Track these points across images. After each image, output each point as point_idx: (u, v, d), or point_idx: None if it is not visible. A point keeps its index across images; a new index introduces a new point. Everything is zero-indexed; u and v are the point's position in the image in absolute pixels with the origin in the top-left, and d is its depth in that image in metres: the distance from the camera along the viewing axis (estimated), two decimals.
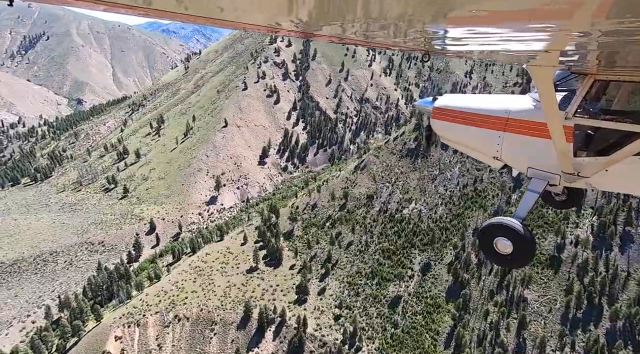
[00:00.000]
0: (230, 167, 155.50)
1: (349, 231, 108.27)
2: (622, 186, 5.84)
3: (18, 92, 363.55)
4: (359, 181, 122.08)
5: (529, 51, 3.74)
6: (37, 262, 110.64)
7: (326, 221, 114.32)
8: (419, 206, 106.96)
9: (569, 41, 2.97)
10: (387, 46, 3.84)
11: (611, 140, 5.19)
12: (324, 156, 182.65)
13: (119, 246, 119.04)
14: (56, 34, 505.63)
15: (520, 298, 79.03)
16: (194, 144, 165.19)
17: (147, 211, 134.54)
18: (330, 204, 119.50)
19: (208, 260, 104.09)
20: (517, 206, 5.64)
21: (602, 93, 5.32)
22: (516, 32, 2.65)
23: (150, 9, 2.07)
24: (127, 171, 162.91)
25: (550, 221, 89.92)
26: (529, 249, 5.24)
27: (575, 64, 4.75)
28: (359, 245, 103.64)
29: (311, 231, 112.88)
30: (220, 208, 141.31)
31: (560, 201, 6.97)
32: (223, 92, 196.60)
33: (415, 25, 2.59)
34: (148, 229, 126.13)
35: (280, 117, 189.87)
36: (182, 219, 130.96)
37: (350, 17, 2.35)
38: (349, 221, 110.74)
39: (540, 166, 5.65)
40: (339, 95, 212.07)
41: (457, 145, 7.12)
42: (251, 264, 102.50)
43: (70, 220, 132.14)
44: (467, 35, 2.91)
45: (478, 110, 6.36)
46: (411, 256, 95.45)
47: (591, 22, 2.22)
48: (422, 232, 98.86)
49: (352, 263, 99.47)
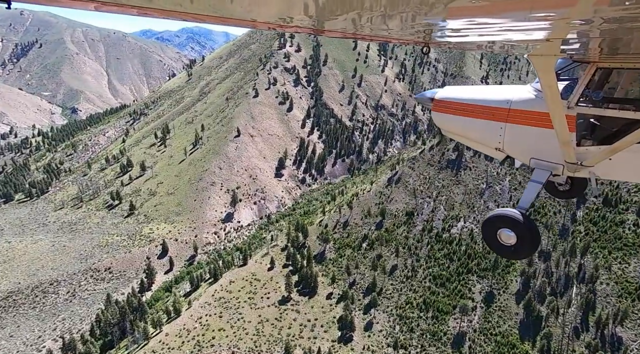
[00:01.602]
0: (245, 180, 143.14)
1: (391, 253, 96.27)
2: (626, 175, 5.56)
3: (10, 101, 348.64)
4: (395, 196, 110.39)
5: (530, 40, 3.68)
6: (36, 293, 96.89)
7: (362, 242, 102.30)
8: (468, 224, 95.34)
9: (571, 29, 2.92)
10: (386, 39, 3.75)
11: (614, 128, 5.12)
12: (343, 167, 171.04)
13: (128, 272, 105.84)
14: (49, 41, 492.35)
15: (614, 338, 67.37)
16: (204, 156, 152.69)
17: (157, 230, 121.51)
18: (364, 222, 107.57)
19: (233, 289, 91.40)
20: (520, 197, 5.45)
21: (604, 81, 5.22)
22: (517, 22, 2.61)
23: (153, 8, 2.02)
24: (132, 186, 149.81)
25: (631, 242, 78.78)
26: (532, 240, 5.15)
27: (577, 52, 4.65)
28: (405, 270, 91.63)
29: (346, 253, 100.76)
30: (237, 226, 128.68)
31: (563, 191, 6.86)
32: (232, 99, 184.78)
33: (415, 17, 2.59)
34: (160, 251, 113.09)
35: (294, 126, 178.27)
36: (196, 240, 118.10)
37: (352, 9, 2.34)
38: (390, 241, 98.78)
39: (543, 156, 5.54)
40: (353, 101, 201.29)
41: (459, 137, 6.93)
42: (283, 294, 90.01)
43: (72, 242, 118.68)
44: (468, 26, 2.87)
45: (479, 101, 6.22)
46: (469, 283, 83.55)
47: (593, 9, 2.22)
48: (479, 256, 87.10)
49: (400, 292, 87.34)
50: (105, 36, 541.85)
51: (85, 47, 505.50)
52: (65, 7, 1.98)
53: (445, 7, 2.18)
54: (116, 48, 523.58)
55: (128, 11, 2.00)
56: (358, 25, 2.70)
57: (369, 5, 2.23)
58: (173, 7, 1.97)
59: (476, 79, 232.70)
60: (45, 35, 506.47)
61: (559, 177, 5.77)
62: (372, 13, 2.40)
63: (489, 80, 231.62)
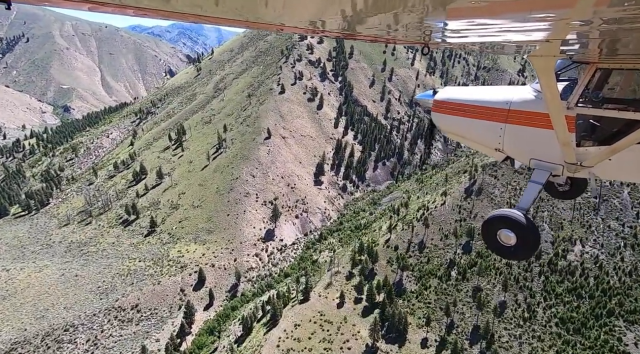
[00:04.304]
0: (283, 189, 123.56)
1: (493, 285, 78.00)
2: (626, 175, 5.52)
3: None
4: (479, 210, 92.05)
5: (529, 41, 3.67)
6: (47, 344, 76.47)
7: (449, 269, 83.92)
8: (589, 249, 77.44)
9: (571, 30, 2.93)
10: (385, 40, 3.74)
11: (614, 129, 5.07)
12: (385, 171, 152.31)
13: (160, 310, 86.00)
14: (37, 35, 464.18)
15: None
16: (230, 161, 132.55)
17: (188, 253, 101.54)
18: (446, 244, 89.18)
19: (302, 336, 72.33)
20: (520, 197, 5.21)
21: (604, 82, 5.16)
22: (517, 23, 2.61)
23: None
24: (148, 197, 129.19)
25: None
26: (532, 240, 5.10)
27: (576, 52, 4.63)
28: (518, 309, 73.40)
29: (431, 283, 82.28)
30: (280, 245, 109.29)
31: (563, 191, 6.78)
32: (254, 96, 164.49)
33: (415, 18, 2.59)
34: (195, 281, 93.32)
35: (327, 125, 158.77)
36: (237, 265, 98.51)
37: (351, 10, 2.31)
38: (487, 269, 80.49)
39: (543, 156, 5.48)
40: (386, 98, 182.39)
41: (459, 138, 6.86)
42: (366, 341, 71.30)
43: (85, 270, 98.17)
44: (467, 27, 2.87)
45: (479, 102, 6.16)
46: (616, 331, 65.60)
47: (592, 10, 2.21)
48: (619, 292, 69.19)
49: (519, 339, 69.08)
50: (97, 30, 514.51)
51: (75, 41, 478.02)
52: (69, 8, 1.83)
53: (444, 9, 2.15)
54: (109, 43, 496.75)
55: (141, 13, 1.87)
56: (351, 27, 2.61)
57: (358, 7, 2.13)
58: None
59: (513, 73, 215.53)
60: (32, 29, 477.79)
61: (559, 177, 5.72)
62: (364, 15, 2.34)
63: (525, 74, 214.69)
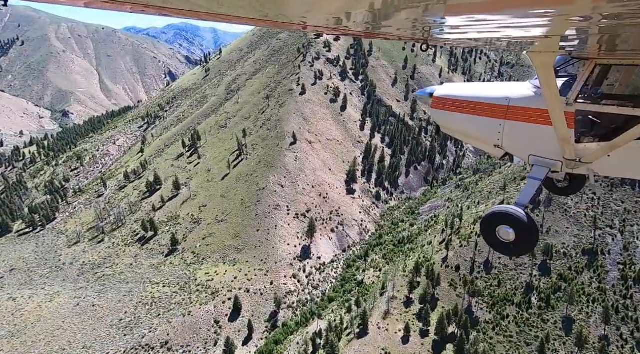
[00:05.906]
0: (315, 200, 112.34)
1: (587, 315, 67.10)
2: (624, 171, 5.53)
3: None
4: (553, 225, 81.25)
5: (528, 37, 3.71)
6: None
7: (527, 294, 72.97)
8: None
9: (570, 26, 2.95)
10: (384, 37, 3.66)
11: (613, 125, 5.07)
12: (418, 176, 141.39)
13: (194, 347, 74.53)
14: (32, 38, 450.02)
15: None
16: (254, 169, 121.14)
17: (217, 276, 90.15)
18: (517, 264, 78.26)
19: None
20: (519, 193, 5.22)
21: (603, 78, 5.17)
22: (516, 18, 2.62)
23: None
24: (165, 210, 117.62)
25: None
26: (531, 236, 5.11)
27: (576, 49, 4.61)
28: (622, 345, 62.53)
29: (508, 312, 71.28)
30: (319, 264, 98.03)
31: (562, 187, 6.82)
32: (273, 97, 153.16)
33: (414, 14, 2.59)
34: (230, 310, 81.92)
35: (352, 128, 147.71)
36: (274, 289, 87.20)
37: (352, 7, 2.30)
38: (576, 294, 69.56)
39: (542, 153, 5.49)
40: (410, 97, 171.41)
41: (458, 134, 6.88)
42: None
43: (102, 298, 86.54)
44: (467, 23, 2.89)
45: (478, 98, 6.15)
46: None
47: (592, 6, 2.22)
48: None
49: None
50: (94, 32, 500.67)
51: (72, 44, 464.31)
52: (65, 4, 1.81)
53: (444, 4, 2.14)
54: (106, 45, 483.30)
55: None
56: (351, 24, 2.61)
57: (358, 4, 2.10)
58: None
59: None
60: (27, 31, 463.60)
61: (558, 173, 5.73)
62: (365, 11, 2.31)
63: None
